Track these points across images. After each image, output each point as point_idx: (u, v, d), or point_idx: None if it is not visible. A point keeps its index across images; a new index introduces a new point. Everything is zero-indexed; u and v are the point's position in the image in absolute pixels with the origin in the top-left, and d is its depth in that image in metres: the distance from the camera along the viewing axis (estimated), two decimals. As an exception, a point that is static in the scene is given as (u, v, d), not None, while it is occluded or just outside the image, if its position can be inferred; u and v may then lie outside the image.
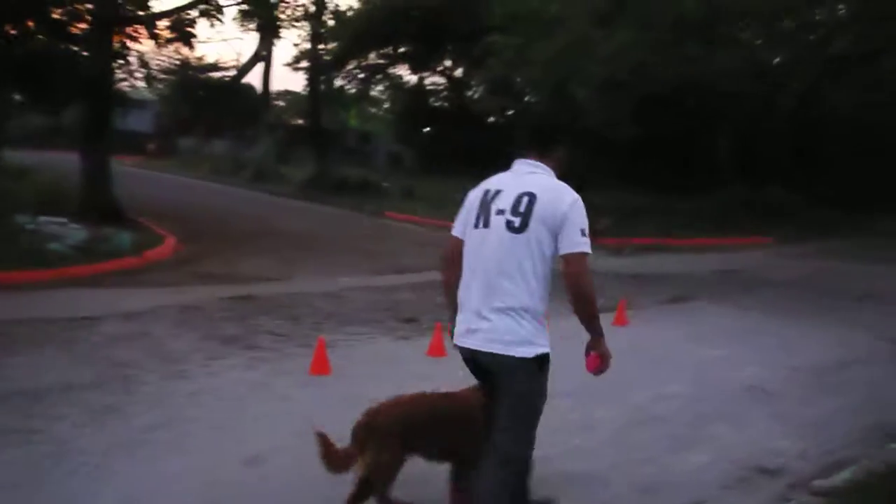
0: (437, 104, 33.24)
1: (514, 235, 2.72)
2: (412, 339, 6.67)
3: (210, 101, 29.00)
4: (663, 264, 12.51)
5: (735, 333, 7.45)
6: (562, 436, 4.24)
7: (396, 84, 34.09)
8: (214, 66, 30.32)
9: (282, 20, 19.81)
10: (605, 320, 7.20)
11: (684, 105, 19.42)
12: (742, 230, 17.11)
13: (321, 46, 27.27)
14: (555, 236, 2.70)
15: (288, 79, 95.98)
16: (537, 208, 2.71)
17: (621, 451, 4.23)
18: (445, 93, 33.47)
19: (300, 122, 31.45)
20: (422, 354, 6.04)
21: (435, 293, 8.78)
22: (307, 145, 29.16)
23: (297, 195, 22.99)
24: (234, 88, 29.30)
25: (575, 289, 2.70)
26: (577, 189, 2.78)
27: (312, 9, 23.23)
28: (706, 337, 7.17)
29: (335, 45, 28.08)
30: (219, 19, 14.61)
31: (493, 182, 2.89)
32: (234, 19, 24.85)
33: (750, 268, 12.57)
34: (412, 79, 33.32)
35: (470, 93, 31.97)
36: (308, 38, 26.63)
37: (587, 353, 2.88)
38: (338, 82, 30.96)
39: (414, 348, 6.30)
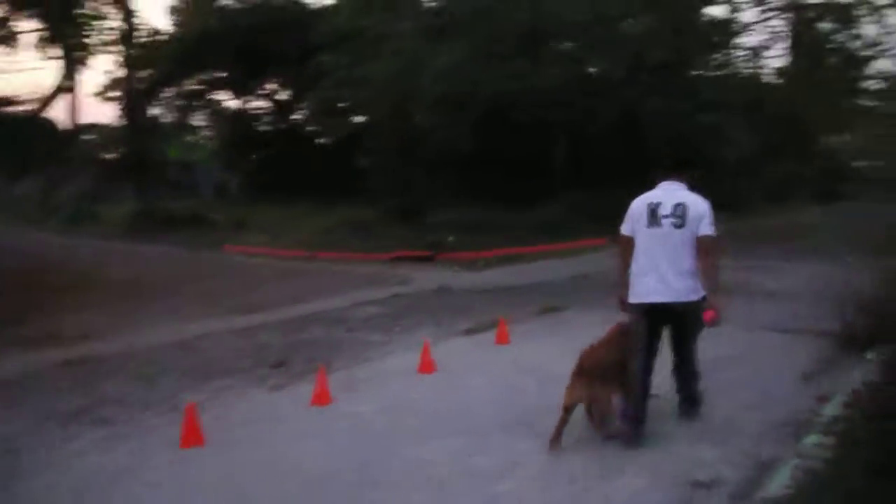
0: (262, 129, 31.98)
1: (678, 230, 4.41)
2: (288, 388, 5.97)
3: (6, 138, 25.81)
4: (521, 275, 12.56)
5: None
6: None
7: (217, 110, 32.47)
8: (8, 101, 27.06)
9: (89, 46, 18.00)
10: (486, 340, 6.88)
11: (519, 118, 19.93)
12: (581, 233, 17.77)
13: (136, 73, 25.25)
14: (697, 227, 4.40)
15: (99, 110, 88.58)
16: (689, 212, 4.42)
17: (557, 486, 3.89)
18: (271, 117, 32.31)
19: (115, 155, 28.89)
20: (304, 406, 5.37)
21: (300, 330, 8.18)
22: (126, 181, 26.87)
23: (121, 236, 21.07)
24: (35, 123, 26.31)
25: (707, 259, 4.39)
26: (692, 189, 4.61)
27: (122, 34, 21.43)
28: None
29: (149, 72, 26.16)
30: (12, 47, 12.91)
31: (650, 197, 4.56)
32: (35, 46, 22.21)
33: (599, 271, 12.94)
34: (235, 104, 31.92)
35: (298, 116, 31.12)
36: (120, 65, 24.54)
37: (704, 310, 4.39)
38: (155, 111, 28.91)
39: (293, 398, 5.62)
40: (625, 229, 4.61)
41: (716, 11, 23.55)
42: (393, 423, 4.94)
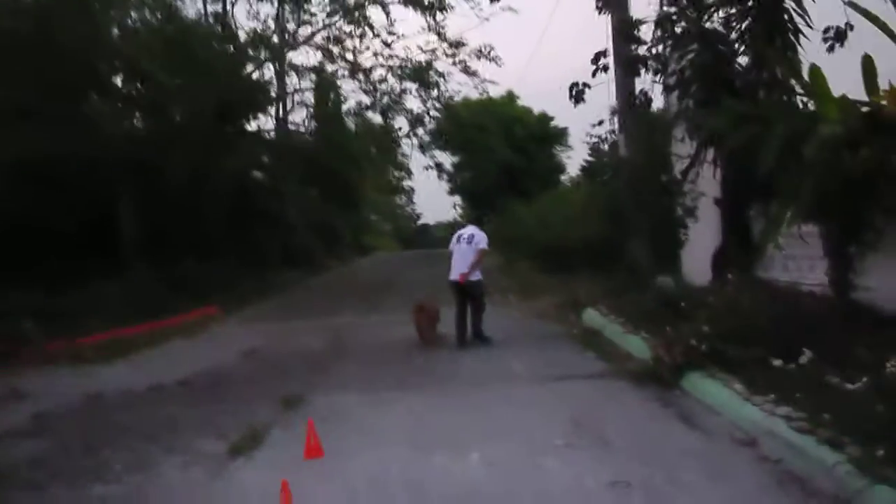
0: None
1: (468, 245, 9.58)
2: None
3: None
4: (174, 364, 9.74)
5: (426, 420, 6.08)
6: None
7: None
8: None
9: None
10: (285, 457, 4.78)
11: (69, 179, 16.13)
12: (176, 308, 15.12)
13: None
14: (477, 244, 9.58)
15: None
16: (475, 237, 9.65)
17: None
18: None
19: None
20: None
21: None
22: None
23: None
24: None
25: (478, 259, 9.54)
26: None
27: None
28: (411, 438, 5.54)
29: None
30: None
31: (460, 232, 10.02)
32: None
33: (263, 344, 11.06)
34: None
35: None
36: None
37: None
38: None
39: None
40: (451, 246, 9.92)
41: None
42: None
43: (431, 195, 72.13)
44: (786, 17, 8.12)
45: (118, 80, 19.19)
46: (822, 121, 6.67)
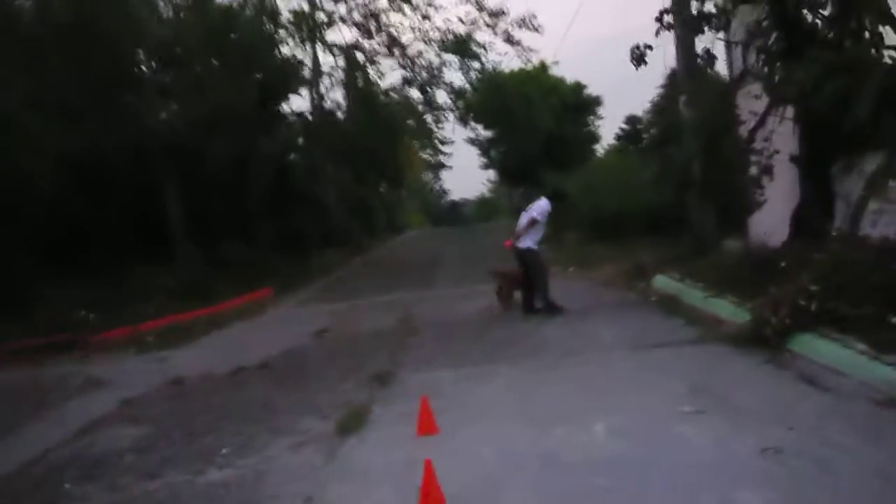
0: None
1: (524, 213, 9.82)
2: None
3: None
4: (242, 348, 9.76)
5: (531, 393, 5.94)
6: None
7: None
8: None
9: None
10: (396, 435, 4.62)
11: (115, 170, 16.16)
12: (224, 292, 15.11)
13: None
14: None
15: None
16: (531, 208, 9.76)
17: None
18: None
19: None
20: None
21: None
22: None
23: None
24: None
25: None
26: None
27: None
28: (522, 412, 5.38)
29: None
30: None
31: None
32: None
33: (332, 322, 11.01)
34: None
35: None
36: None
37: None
38: None
39: None
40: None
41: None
42: None
43: (458, 171, 71.75)
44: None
45: (154, 68, 19.18)
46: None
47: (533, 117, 27.97)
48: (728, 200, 10.12)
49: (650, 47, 10.72)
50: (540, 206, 9.65)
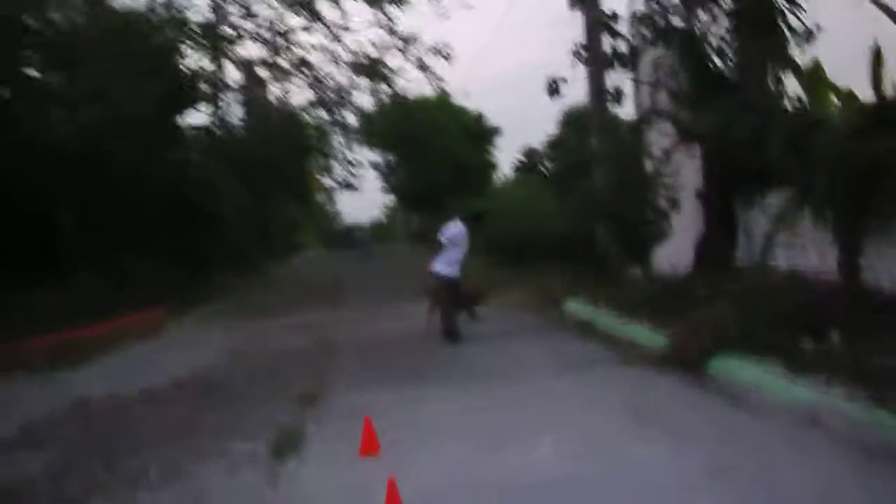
0: None
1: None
2: None
3: None
4: (152, 367, 9.24)
5: (467, 416, 5.95)
6: None
7: None
8: None
9: None
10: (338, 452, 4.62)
11: (8, 176, 14.96)
12: (118, 309, 14.22)
13: None
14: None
15: None
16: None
17: None
18: None
19: None
20: None
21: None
22: None
23: None
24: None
25: None
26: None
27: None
28: (464, 434, 5.38)
29: None
30: None
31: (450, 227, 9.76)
32: None
33: (242, 342, 10.60)
34: None
35: None
36: None
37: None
38: None
39: None
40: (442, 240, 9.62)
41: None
42: None
43: (352, 195, 71.37)
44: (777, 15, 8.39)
45: (40, 67, 17.98)
46: (827, 114, 6.98)
47: (439, 144, 28.33)
48: (636, 230, 10.58)
49: (565, 80, 11.20)
50: (449, 230, 9.62)
